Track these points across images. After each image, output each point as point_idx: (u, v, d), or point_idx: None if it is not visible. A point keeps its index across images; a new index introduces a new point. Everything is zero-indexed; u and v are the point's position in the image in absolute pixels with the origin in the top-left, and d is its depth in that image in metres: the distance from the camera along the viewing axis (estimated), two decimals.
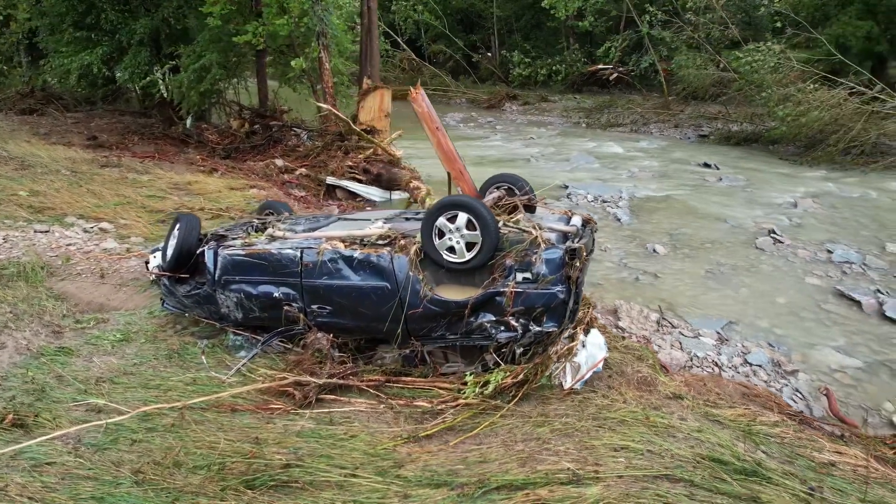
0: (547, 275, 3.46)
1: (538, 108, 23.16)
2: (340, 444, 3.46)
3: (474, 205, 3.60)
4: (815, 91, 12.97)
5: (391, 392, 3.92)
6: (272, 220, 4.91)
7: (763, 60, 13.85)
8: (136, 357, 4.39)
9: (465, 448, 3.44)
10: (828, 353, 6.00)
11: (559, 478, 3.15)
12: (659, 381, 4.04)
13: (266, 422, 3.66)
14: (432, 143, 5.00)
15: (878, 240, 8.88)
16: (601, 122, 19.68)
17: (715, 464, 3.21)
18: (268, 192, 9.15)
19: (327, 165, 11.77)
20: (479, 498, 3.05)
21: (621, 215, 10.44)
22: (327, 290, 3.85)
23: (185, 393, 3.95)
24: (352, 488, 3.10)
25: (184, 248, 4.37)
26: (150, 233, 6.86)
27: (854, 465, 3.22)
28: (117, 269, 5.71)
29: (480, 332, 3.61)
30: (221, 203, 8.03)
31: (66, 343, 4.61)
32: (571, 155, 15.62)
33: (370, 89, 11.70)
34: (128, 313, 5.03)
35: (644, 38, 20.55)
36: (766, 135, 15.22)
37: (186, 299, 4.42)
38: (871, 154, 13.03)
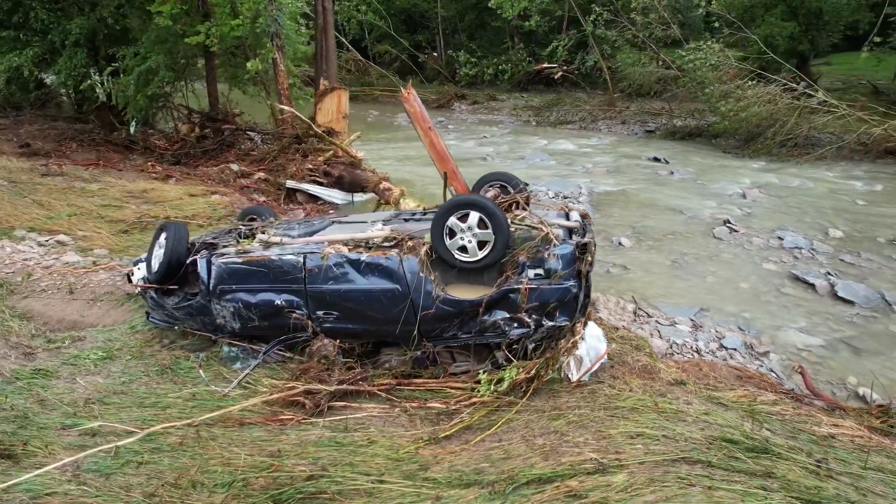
0: (559, 270, 3.52)
1: (487, 108, 23.41)
2: (361, 450, 3.40)
3: (486, 203, 3.62)
4: (753, 88, 13.72)
5: (402, 395, 3.89)
6: (259, 225, 4.76)
7: (704, 59, 14.54)
8: (124, 375, 4.17)
9: (486, 446, 3.46)
10: (792, 333, 6.38)
11: (585, 468, 3.22)
12: (660, 369, 4.18)
13: (278, 434, 3.55)
14: (424, 143, 4.98)
15: (820, 225, 9.49)
16: (550, 121, 20.11)
17: (727, 444, 3.35)
18: (230, 197, 8.85)
19: (285, 169, 11.51)
20: (510, 494, 3.07)
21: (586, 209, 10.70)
22: (334, 296, 3.76)
23: (186, 409, 3.78)
24: (382, 495, 3.05)
25: (173, 257, 4.17)
26: (114, 244, 6.50)
27: (851, 437, 3.45)
28: (87, 284, 5.38)
29: (494, 329, 3.63)
30: (185, 211, 7.70)
31: (41, 364, 4.32)
32: (526, 153, 15.89)
33: (327, 90, 11.51)
34: (106, 329, 4.76)
35: (588, 37, 21.12)
36: (708, 129, 15.98)
37: (177, 311, 4.22)
38: (803, 146, 13.91)
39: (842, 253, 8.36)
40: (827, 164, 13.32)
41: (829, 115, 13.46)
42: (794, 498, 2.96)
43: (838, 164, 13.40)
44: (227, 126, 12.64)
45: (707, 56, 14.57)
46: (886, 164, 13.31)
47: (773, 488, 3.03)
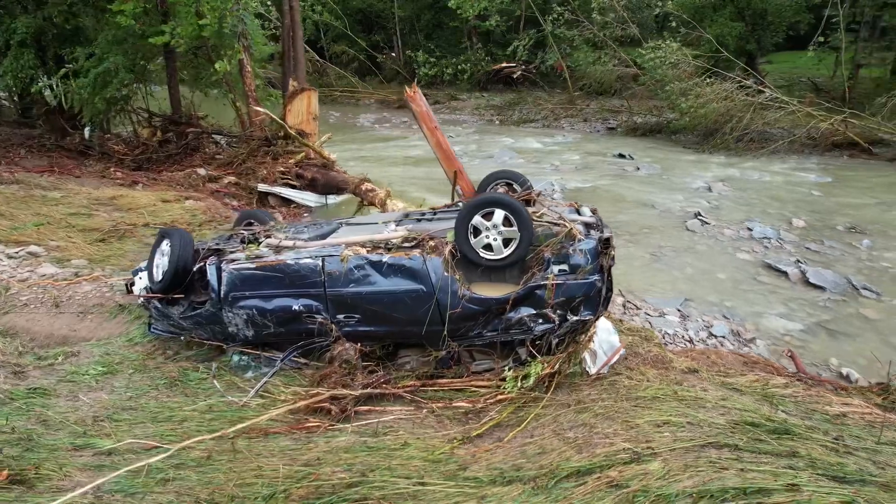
0: (584, 265, 3.57)
1: (449, 107, 23.49)
2: (395, 454, 3.36)
3: (511, 201, 3.63)
4: (711, 85, 14.26)
5: (427, 396, 3.86)
6: (261, 230, 4.62)
7: (664, 57, 15.01)
8: (130, 390, 3.98)
9: (520, 442, 3.48)
10: (773, 319, 6.67)
11: (620, 458, 3.27)
12: (671, 358, 4.30)
13: (306, 442, 3.47)
14: (430, 143, 4.96)
15: (783, 216, 9.96)
16: (513, 120, 20.34)
17: (750, 427, 3.48)
18: (205, 202, 8.57)
19: (255, 172, 11.23)
20: (552, 488, 3.10)
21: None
22: (355, 299, 3.70)
23: (205, 422, 3.64)
24: (426, 497, 3.03)
25: (179, 265, 4.00)
26: (93, 254, 6.19)
27: (861, 414, 3.64)
28: (72, 296, 5.11)
29: (519, 326, 3.65)
30: (162, 217, 7.40)
31: (35, 383, 4.08)
32: (493, 151, 16.03)
33: (297, 91, 11.28)
34: (101, 343, 4.53)
35: (548, 36, 21.46)
36: (668, 126, 16.51)
37: (185, 321, 4.05)
38: (758, 141, 14.55)
39: (807, 241, 8.80)
40: (781, 157, 13.99)
41: (780, 110, 14.12)
42: (820, 475, 3.09)
43: (791, 156, 14.09)
44: (191, 129, 12.23)
45: (666, 55, 15.06)
46: (833, 157, 14.09)
47: (800, 467, 3.16)
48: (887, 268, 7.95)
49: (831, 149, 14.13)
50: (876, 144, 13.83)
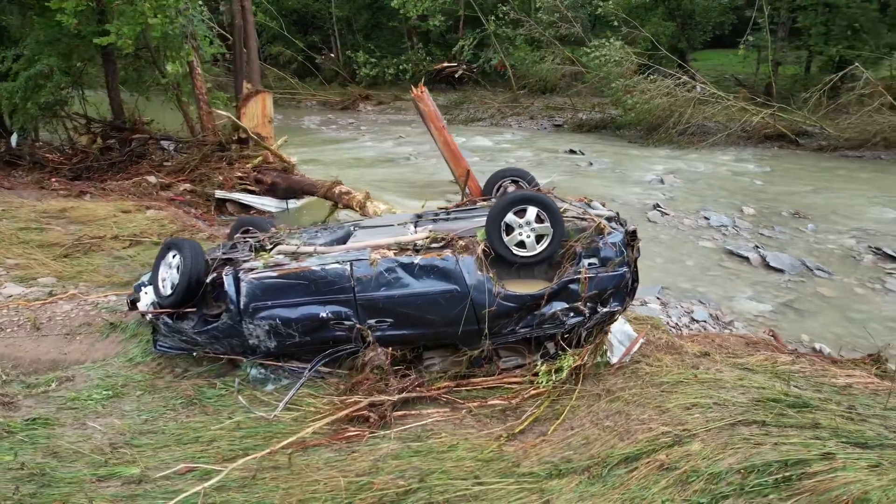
0: (614, 258, 3.67)
1: (394, 107, 23.37)
2: (444, 456, 3.33)
3: (544, 198, 3.67)
4: (654, 82, 14.92)
5: (460, 396, 3.85)
6: (265, 237, 4.44)
7: (609, 56, 15.57)
8: (143, 412, 3.74)
9: (562, 435, 3.53)
10: (744, 302, 7.09)
11: (662, 442, 3.39)
12: (682, 344, 4.48)
13: (350, 452, 3.38)
14: (437, 142, 4.93)
15: (734, 204, 10.57)
16: (461, 119, 20.47)
17: (771, 403, 3.69)
18: (166, 212, 8.14)
19: (210, 179, 10.80)
20: (607, 476, 3.17)
21: None
22: (387, 302, 3.62)
23: (236, 440, 3.48)
24: (489, 496, 3.03)
25: (192, 277, 3.78)
26: (61, 271, 5.75)
27: (865, 384, 3.93)
28: (52, 317, 4.73)
29: (552, 320, 3.70)
30: (128, 228, 6.97)
31: (31, 413, 3.76)
32: None
33: (252, 94, 10.92)
34: (97, 365, 4.22)
35: (490, 36, 21.75)
36: (613, 122, 17.13)
37: (200, 336, 3.83)
38: (697, 134, 15.37)
39: (759, 227, 9.38)
40: (720, 149, 14.83)
41: (717, 105, 14.96)
42: (843, 442, 3.33)
43: (729, 148, 14.96)
44: (136, 136, 11.57)
45: (611, 53, 15.62)
46: (766, 148, 15.08)
47: (825, 436, 3.39)
48: (832, 249, 8.60)
49: (763, 140, 15.12)
50: (802, 136, 14.91)
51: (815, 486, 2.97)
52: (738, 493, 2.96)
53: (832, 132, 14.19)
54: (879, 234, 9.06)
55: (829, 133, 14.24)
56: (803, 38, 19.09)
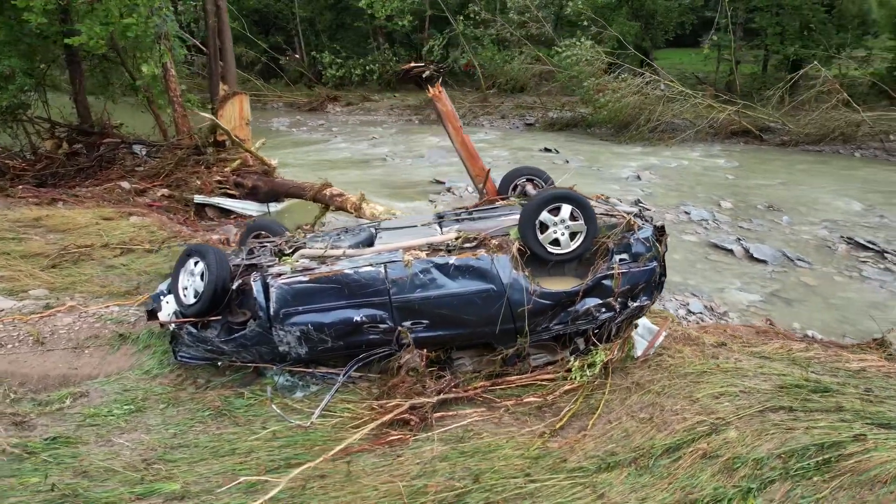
0: (644, 253, 3.74)
1: (363, 108, 23.16)
2: (490, 455, 3.33)
3: (578, 196, 3.71)
4: (625, 81, 15.25)
5: (495, 395, 3.85)
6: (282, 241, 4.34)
7: (580, 55, 15.83)
8: (170, 426, 3.61)
9: (602, 429, 3.58)
10: (735, 293, 7.33)
11: (700, 431, 3.48)
12: (698, 335, 4.60)
13: (394, 456, 3.34)
14: (455, 142, 4.91)
15: (711, 199, 10.90)
16: (432, 119, 20.42)
17: (795, 389, 3.82)
18: (150, 218, 7.86)
19: (188, 183, 10.49)
20: (653, 467, 3.24)
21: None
22: (423, 304, 3.59)
23: (275, 450, 3.39)
24: (543, 492, 3.05)
25: (218, 285, 3.66)
26: (52, 282, 5.48)
27: (877, 367, 4.12)
28: (54, 331, 4.50)
29: (586, 316, 3.74)
30: (115, 236, 6.68)
31: (49, 432, 3.58)
32: (423, 152, 16.05)
33: (229, 96, 10.65)
34: (112, 380, 4.05)
35: (459, 36, 21.82)
36: (585, 120, 17.41)
37: (227, 344, 3.71)
38: (668, 131, 15.78)
39: (738, 221, 9.71)
40: (690, 146, 15.27)
41: (686, 103, 15.40)
42: (869, 424, 3.48)
43: (698, 145, 15.42)
44: (106, 140, 11.12)
45: (582, 52, 15.88)
46: (733, 143, 15.61)
47: (850, 419, 3.54)
48: (808, 239, 8.97)
49: (730, 136, 15.65)
50: (765, 132, 15.50)
51: (853, 467, 3.10)
52: (784, 477, 3.06)
53: (793, 128, 14.81)
54: (849, 225, 9.50)
55: (791, 129, 14.85)
56: (760, 38, 19.82)
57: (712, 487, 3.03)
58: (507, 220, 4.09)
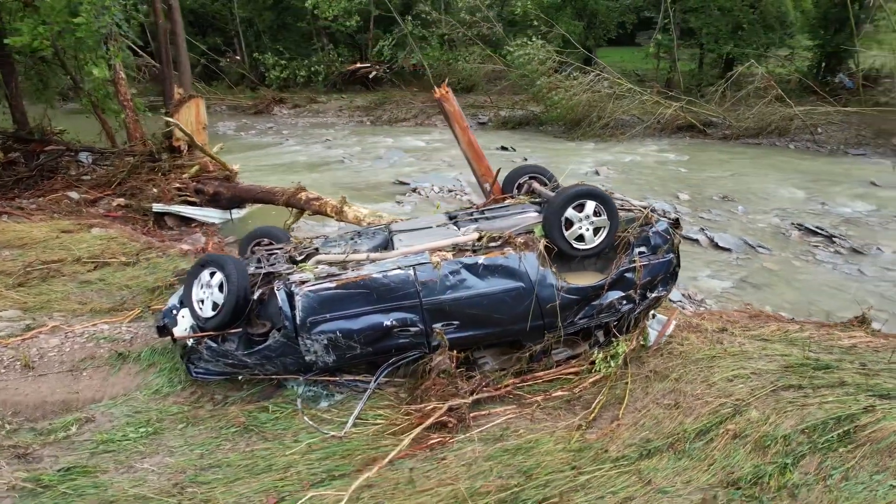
0: (662, 245, 3.86)
1: (311, 110, 22.70)
2: (533, 451, 3.36)
3: (601, 192, 3.78)
4: (577, 79, 15.66)
5: (523, 391, 3.88)
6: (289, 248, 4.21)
7: (533, 54, 16.12)
8: (194, 446, 3.44)
9: (633, 417, 3.67)
10: (707, 281, 7.68)
11: (724, 413, 3.64)
12: (699, 322, 4.80)
13: (438, 459, 3.32)
14: (461, 142, 4.88)
15: (669, 191, 11.37)
16: (385, 120, 20.32)
17: (799, 368, 4.06)
18: (114, 229, 7.43)
19: (145, 191, 10.00)
20: (690, 451, 3.36)
21: (475, 200, 11.28)
22: (453, 305, 3.56)
23: (314, 463, 3.30)
24: (593, 484, 3.11)
25: (240, 295, 3.50)
26: (22, 301, 5.08)
27: (866, 343, 4.43)
28: (42, 354, 4.18)
29: (609, 309, 3.83)
30: (82, 250, 6.26)
31: (59, 463, 3.33)
32: (380, 152, 15.92)
33: (184, 99, 10.18)
34: (118, 402, 3.80)
35: (407, 36, 21.75)
36: (537, 118, 17.74)
37: (250, 357, 3.56)
38: (619, 127, 16.33)
39: (698, 212, 10.17)
40: (640, 141, 15.86)
41: (634, 100, 15.98)
42: (871, 395, 3.73)
43: (647, 140, 16.04)
44: (49, 148, 10.42)
45: (534, 52, 16.18)
46: (680, 138, 16.32)
47: (853, 392, 3.78)
48: (763, 227, 9.52)
49: (676, 131, 16.36)
50: (708, 126, 16.30)
51: (870, 437, 3.32)
52: (813, 450, 3.25)
53: (734, 123, 15.64)
54: (796, 212, 10.14)
55: (732, 123, 15.68)
56: (696, 38, 20.77)
57: (751, 465, 3.18)
58: (522, 219, 4.13)
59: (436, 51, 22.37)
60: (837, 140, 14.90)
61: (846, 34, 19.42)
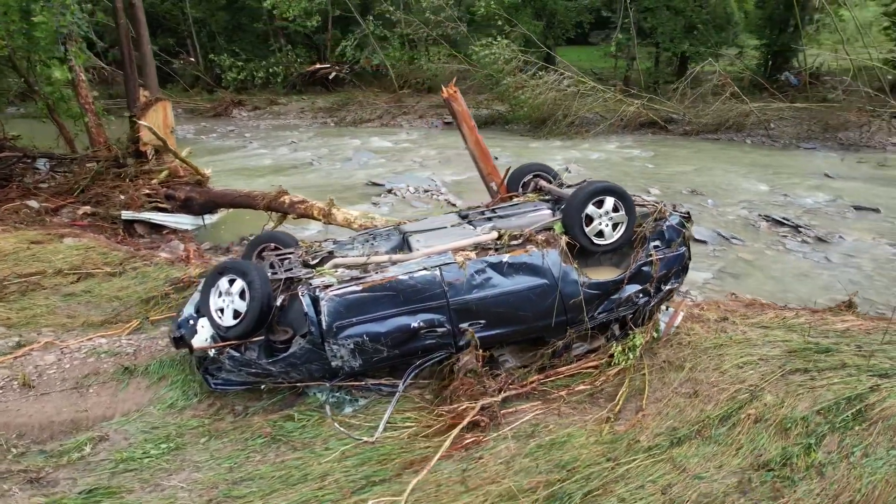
0: (675, 238, 3.97)
1: (272, 112, 22.22)
2: (566, 446, 3.41)
3: (619, 188, 3.84)
4: (542, 78, 15.88)
5: (546, 386, 3.92)
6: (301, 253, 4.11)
7: (498, 54, 16.26)
8: (221, 460, 3.33)
9: (656, 407, 3.76)
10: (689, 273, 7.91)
11: (741, 399, 3.77)
12: (701, 312, 4.95)
13: (474, 458, 3.32)
14: (469, 141, 4.88)
15: (640, 186, 11.65)
16: (348, 121, 20.09)
17: (803, 352, 4.24)
18: (86, 239, 7.10)
19: (110, 198, 9.60)
20: (716, 437, 3.47)
21: (453, 199, 11.31)
22: (480, 304, 3.56)
23: (351, 470, 3.24)
24: (631, 474, 3.17)
25: (264, 302, 3.39)
26: (7, 317, 4.79)
27: (858, 326, 4.66)
28: (41, 373, 3.95)
29: (627, 303, 3.91)
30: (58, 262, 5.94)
31: (78, 485, 3.17)
32: (348, 154, 15.74)
33: (151, 102, 9.83)
34: (132, 419, 3.63)
35: (368, 36, 21.58)
36: (504, 116, 17.90)
37: (274, 365, 3.45)
38: (584, 125, 16.65)
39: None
40: (605, 138, 16.21)
41: (598, 98, 16.32)
42: (871, 375, 3.94)
43: (611, 137, 16.41)
44: (3, 154, 9.85)
45: (500, 51, 16.32)
46: (642, 134, 16.77)
47: (854, 373, 3.99)
48: (733, 220, 9.89)
49: (639, 128, 16.80)
50: (669, 123, 16.81)
51: (880, 415, 3.50)
52: (832, 430, 3.41)
53: (693, 119, 16.19)
54: (762, 204, 10.58)
55: (691, 119, 16.22)
56: (652, 37, 21.36)
57: (777, 447, 3.31)
58: (536, 216, 4.17)
59: (397, 51, 22.27)
60: (790, 135, 15.62)
61: (790, 34, 20.46)
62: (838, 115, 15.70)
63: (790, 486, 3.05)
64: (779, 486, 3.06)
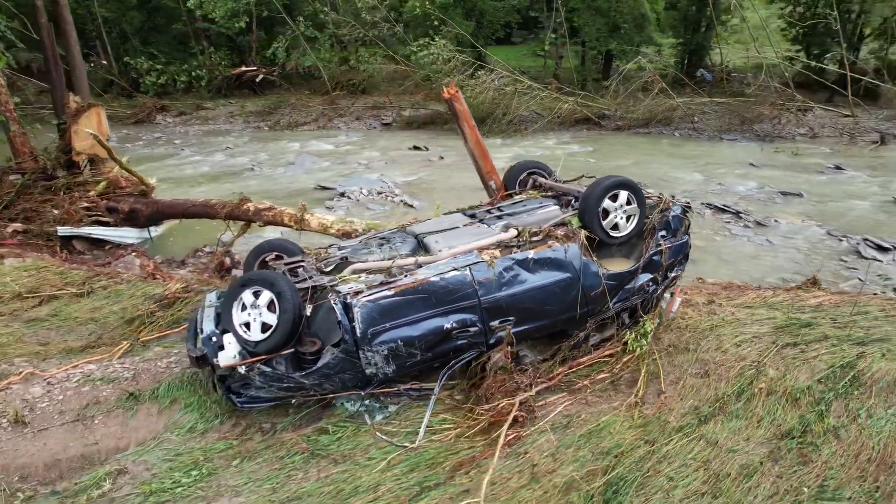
0: (679, 228, 4.16)
1: (199, 118, 21.17)
2: (603, 433, 3.51)
3: (631, 181, 3.96)
4: (480, 77, 16.11)
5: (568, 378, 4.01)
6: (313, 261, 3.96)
7: (437, 54, 16.32)
8: (259, 482, 3.17)
9: (673, 389, 3.95)
10: None
11: (748, 375, 4.02)
12: (689, 297, 5.22)
13: (522, 453, 3.35)
14: (469, 140, 4.86)
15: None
16: (283, 124, 19.51)
17: (788, 327, 4.58)
18: (31, 258, 6.51)
19: (42, 214, 8.86)
20: (736, 412, 3.68)
21: (409, 200, 11.27)
22: (510, 301, 3.58)
23: (400, 478, 3.19)
24: (673, 453, 3.32)
25: (296, 313, 3.24)
26: None
27: (829, 301, 5.08)
28: (31, 407, 3.59)
29: (639, 291, 4.06)
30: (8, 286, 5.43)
31: None
32: (290, 158, 15.29)
33: (83, 108, 9.11)
34: (149, 448, 3.38)
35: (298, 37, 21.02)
36: (444, 116, 17.97)
37: (308, 378, 3.30)
38: (521, 123, 17.03)
39: None
40: (543, 135, 16.67)
41: (535, 96, 16.76)
42: (852, 343, 4.32)
43: (549, 133, 16.89)
44: None
45: (438, 51, 16.38)
46: (578, 131, 17.38)
47: (837, 343, 4.36)
48: None
49: (574, 124, 17.40)
50: (602, 119, 17.53)
51: (871, 379, 3.85)
52: (836, 397, 3.71)
53: (625, 114, 16.97)
54: (701, 193, 11.27)
55: (623, 115, 17.00)
56: (579, 36, 22.16)
57: (794, 416, 3.57)
58: (546, 212, 4.25)
59: (327, 52, 21.84)
60: (713, 127, 16.72)
61: (703, 34, 21.90)
62: (752, 109, 16.96)
63: (815, 451, 3.30)
64: (805, 452, 3.30)
